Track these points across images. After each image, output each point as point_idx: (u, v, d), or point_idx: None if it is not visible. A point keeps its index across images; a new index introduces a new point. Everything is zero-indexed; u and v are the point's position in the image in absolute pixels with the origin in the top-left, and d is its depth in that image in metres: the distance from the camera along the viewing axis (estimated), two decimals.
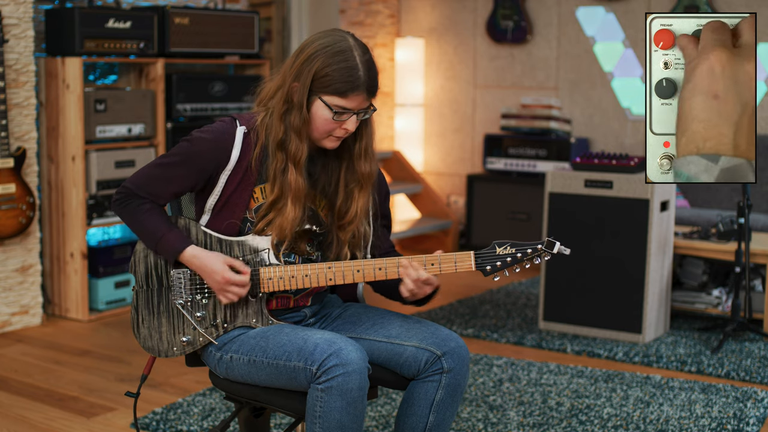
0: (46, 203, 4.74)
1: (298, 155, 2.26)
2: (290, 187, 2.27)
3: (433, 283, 2.26)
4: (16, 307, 4.51)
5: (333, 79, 2.20)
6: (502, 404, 3.49)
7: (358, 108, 2.24)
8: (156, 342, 2.38)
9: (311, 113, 2.25)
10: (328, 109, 2.23)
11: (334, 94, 2.22)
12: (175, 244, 2.29)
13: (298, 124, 2.25)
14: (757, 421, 3.35)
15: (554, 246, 2.22)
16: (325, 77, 2.21)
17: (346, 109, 2.23)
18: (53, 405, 3.48)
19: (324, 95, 2.22)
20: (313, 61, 2.22)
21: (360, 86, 2.21)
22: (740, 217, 4.18)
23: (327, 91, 2.22)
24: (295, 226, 2.28)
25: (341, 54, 2.21)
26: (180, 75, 5.00)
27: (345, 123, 2.25)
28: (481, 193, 6.29)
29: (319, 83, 2.22)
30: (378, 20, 6.78)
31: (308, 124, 2.26)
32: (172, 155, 2.30)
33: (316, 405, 2.13)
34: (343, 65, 2.20)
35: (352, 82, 2.20)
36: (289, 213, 2.26)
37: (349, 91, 2.21)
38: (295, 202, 2.27)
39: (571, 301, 4.44)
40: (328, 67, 2.21)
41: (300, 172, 2.27)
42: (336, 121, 2.24)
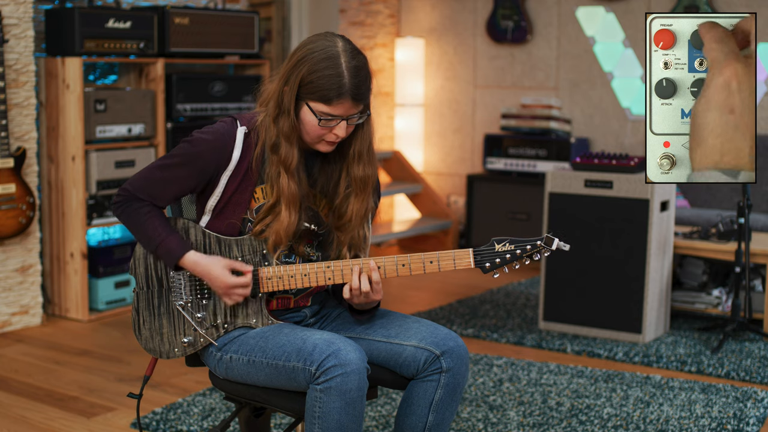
0: (46, 203, 4.74)
1: (289, 160, 2.26)
2: (283, 192, 2.26)
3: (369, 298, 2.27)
4: (16, 307, 4.51)
5: (317, 86, 2.19)
6: (502, 404, 3.49)
7: (345, 114, 2.22)
8: (157, 343, 2.38)
9: (300, 118, 2.25)
10: (314, 115, 2.22)
11: (318, 101, 2.20)
12: (173, 250, 2.28)
13: (287, 130, 2.25)
14: (757, 421, 3.35)
15: (553, 242, 2.22)
16: (309, 84, 2.20)
17: (332, 115, 2.22)
18: (53, 405, 3.48)
19: (310, 101, 2.22)
20: (300, 67, 2.21)
21: (344, 94, 2.19)
22: (740, 217, 4.18)
23: (312, 97, 2.21)
24: (291, 232, 2.28)
25: (327, 61, 2.19)
26: (180, 75, 5.00)
27: (334, 129, 2.24)
28: (481, 193, 6.29)
29: (306, 89, 2.21)
30: (378, 20, 6.78)
31: (297, 129, 2.25)
32: (173, 157, 2.30)
33: (315, 405, 2.13)
34: (327, 72, 2.19)
35: (336, 90, 2.19)
36: (284, 218, 2.26)
37: (334, 98, 2.19)
38: (288, 207, 2.26)
39: (571, 301, 4.45)
40: (313, 74, 2.19)
41: (292, 177, 2.26)
42: (324, 127, 2.24)
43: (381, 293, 2.28)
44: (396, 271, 2.26)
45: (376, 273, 2.25)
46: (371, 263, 2.25)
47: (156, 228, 2.30)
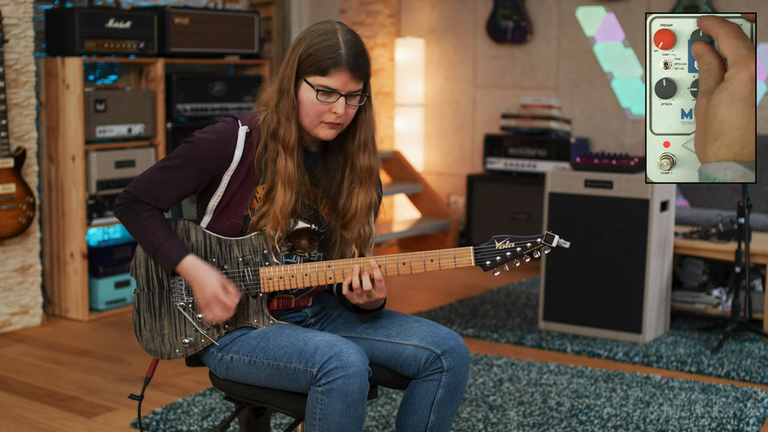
0: (46, 203, 4.74)
1: (287, 138, 2.25)
2: (280, 172, 2.26)
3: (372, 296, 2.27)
4: (16, 307, 4.51)
5: (315, 58, 2.21)
6: (502, 404, 3.49)
7: (344, 89, 2.22)
8: (158, 344, 2.37)
9: (299, 98, 2.25)
10: (312, 89, 2.22)
11: (316, 74, 2.22)
12: (171, 254, 2.27)
13: (287, 110, 2.25)
14: (757, 421, 3.35)
15: (553, 239, 2.22)
16: (308, 58, 2.22)
17: (330, 88, 2.21)
18: (53, 405, 3.48)
19: (308, 76, 2.23)
20: (299, 46, 2.24)
21: (341, 63, 2.20)
22: (740, 217, 4.18)
23: (310, 71, 2.22)
24: (287, 212, 2.26)
25: (324, 35, 2.23)
26: (180, 75, 5.00)
27: (333, 106, 2.23)
28: (481, 193, 6.29)
29: (303, 65, 2.23)
30: (378, 20, 6.78)
31: (296, 109, 2.25)
32: (175, 158, 2.29)
33: (316, 407, 2.13)
34: (324, 44, 2.21)
35: (333, 59, 2.20)
36: (279, 198, 2.25)
37: (331, 67, 2.20)
38: (285, 186, 2.25)
39: (571, 301, 4.45)
40: (311, 47, 2.22)
41: (291, 157, 2.26)
42: (323, 103, 2.23)
43: (385, 291, 2.28)
44: (396, 269, 2.26)
45: (378, 271, 2.24)
46: (372, 262, 2.25)
47: (156, 232, 2.29)
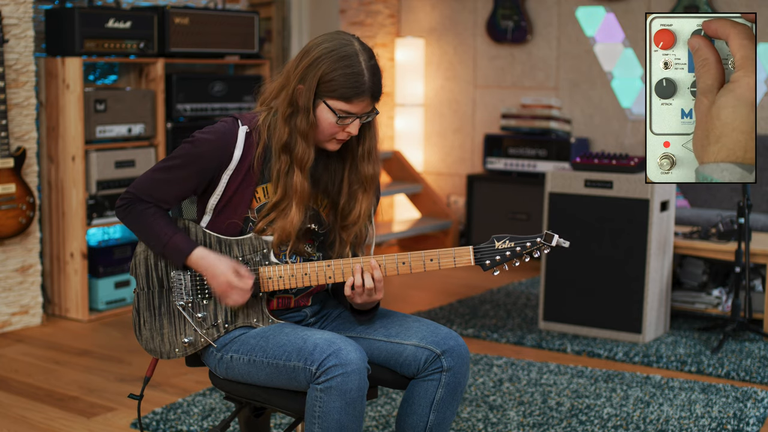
0: (46, 203, 4.74)
1: (305, 159, 2.26)
2: (295, 190, 2.26)
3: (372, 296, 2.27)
4: (16, 307, 4.51)
5: (338, 84, 2.20)
6: (502, 404, 3.49)
7: (361, 112, 2.24)
8: (158, 344, 2.37)
9: (316, 117, 2.25)
10: (333, 113, 2.22)
11: (339, 99, 2.21)
12: (182, 247, 2.28)
13: (304, 128, 2.24)
14: (757, 421, 3.35)
15: (553, 239, 2.22)
16: (330, 82, 2.20)
17: (351, 113, 2.23)
18: (53, 405, 3.48)
19: (329, 99, 2.22)
20: (318, 65, 2.21)
21: (365, 92, 2.22)
22: (740, 217, 4.18)
23: (332, 95, 2.21)
24: (297, 229, 2.28)
25: (347, 59, 2.21)
26: (180, 75, 5.00)
27: (348, 127, 2.25)
28: (481, 193, 6.29)
29: (324, 87, 2.21)
30: (378, 20, 6.78)
31: (315, 128, 2.26)
32: (175, 158, 2.30)
33: (316, 405, 2.13)
34: (348, 71, 2.20)
35: (357, 88, 2.20)
36: (293, 216, 2.26)
37: (354, 96, 2.21)
38: (299, 205, 2.27)
39: (571, 301, 4.45)
40: (333, 71, 2.20)
41: (305, 176, 2.27)
42: (339, 125, 2.24)
43: (382, 292, 2.29)
44: (396, 269, 2.26)
45: (378, 271, 2.25)
46: (372, 261, 2.25)
47: (163, 227, 2.29)
